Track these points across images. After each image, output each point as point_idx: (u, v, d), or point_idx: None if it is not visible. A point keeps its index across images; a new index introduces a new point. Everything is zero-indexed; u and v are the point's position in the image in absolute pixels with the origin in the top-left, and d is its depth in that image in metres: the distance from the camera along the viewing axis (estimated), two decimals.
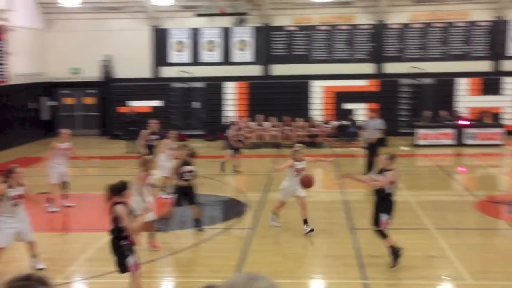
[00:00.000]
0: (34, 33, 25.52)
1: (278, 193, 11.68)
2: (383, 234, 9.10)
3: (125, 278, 9.13)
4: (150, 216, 9.73)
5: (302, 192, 11.10)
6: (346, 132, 23.09)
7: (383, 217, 9.00)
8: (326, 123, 23.32)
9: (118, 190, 7.54)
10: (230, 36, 26.11)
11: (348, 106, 24.25)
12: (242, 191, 15.31)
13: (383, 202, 9.14)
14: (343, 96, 24.36)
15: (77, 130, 26.13)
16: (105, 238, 11.04)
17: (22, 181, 9.05)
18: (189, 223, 12.88)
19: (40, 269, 9.21)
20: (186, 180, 11.25)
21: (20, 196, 8.92)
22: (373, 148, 16.42)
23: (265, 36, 25.81)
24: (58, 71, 26.36)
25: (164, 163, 14.11)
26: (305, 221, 11.05)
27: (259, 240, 10.97)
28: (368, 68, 25.43)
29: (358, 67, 25.25)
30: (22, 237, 9.20)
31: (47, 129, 25.38)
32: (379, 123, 16.66)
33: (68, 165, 13.86)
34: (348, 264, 9.42)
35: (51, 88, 26.52)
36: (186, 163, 11.38)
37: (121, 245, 7.51)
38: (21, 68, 24.07)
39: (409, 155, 20.72)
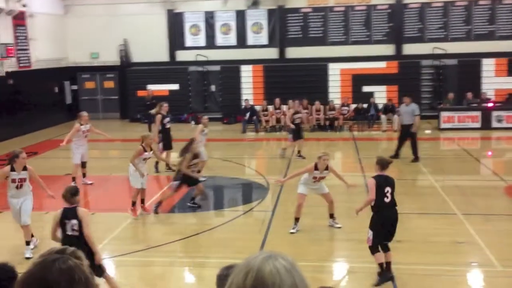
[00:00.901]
0: (54, 19, 25.70)
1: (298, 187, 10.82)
2: (371, 251, 8.24)
3: (152, 256, 9.36)
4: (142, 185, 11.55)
5: (325, 188, 10.64)
6: (365, 115, 22.97)
7: (368, 233, 8.24)
8: (345, 106, 23.22)
9: (72, 194, 7.65)
10: (245, 19, 26.00)
11: (366, 89, 24.00)
12: (261, 174, 15.39)
13: (372, 216, 8.36)
14: (361, 79, 24.11)
15: (98, 113, 26.45)
16: (130, 218, 11.37)
17: (25, 165, 9.40)
18: (211, 205, 13.08)
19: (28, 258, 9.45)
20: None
21: (22, 180, 9.30)
22: (406, 134, 16.24)
23: (280, 18, 25.67)
24: (78, 56, 26.63)
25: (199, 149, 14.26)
26: (332, 216, 10.75)
27: (280, 223, 11.09)
28: (386, 49, 25.13)
29: (376, 48, 24.99)
30: (18, 219, 9.66)
31: (70, 112, 25.69)
32: (414, 108, 16.37)
33: (89, 147, 14.26)
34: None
35: (72, 73, 26.75)
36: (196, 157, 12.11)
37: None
38: (43, 54, 24.35)
39: (433, 138, 20.56)
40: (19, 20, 22.46)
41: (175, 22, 26.29)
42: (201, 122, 14.81)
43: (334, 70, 24.56)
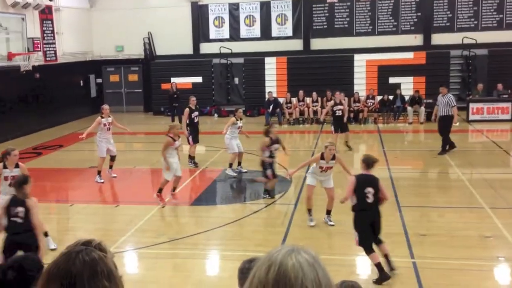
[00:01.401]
0: (80, 13, 25.92)
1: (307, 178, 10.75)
2: (365, 251, 8.00)
3: (175, 249, 9.37)
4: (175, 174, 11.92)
5: (331, 183, 10.36)
6: (391, 107, 22.66)
7: (354, 234, 8.06)
8: (370, 98, 22.93)
9: (19, 184, 7.52)
10: (269, 11, 25.85)
11: (393, 80, 23.65)
12: (284, 167, 15.28)
13: (354, 216, 8.15)
14: (387, 70, 23.77)
15: (122, 106, 26.63)
16: (153, 211, 11.41)
17: (17, 163, 9.39)
18: (234, 198, 13.07)
19: None
20: (272, 156, 12.03)
21: (15, 177, 9.14)
22: (446, 125, 15.95)
23: (305, 9, 25.45)
24: (103, 49, 26.83)
25: (230, 141, 14.26)
26: (328, 212, 10.46)
27: (302, 216, 10.98)
28: (414, 39, 24.72)
29: (404, 39, 24.60)
30: None
31: (95, 106, 25.93)
32: (451, 98, 16.06)
33: (114, 139, 14.28)
34: (395, 241, 9.33)
35: (97, 66, 26.98)
36: (276, 141, 12.06)
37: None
38: (68, 47, 24.61)
39: (461, 130, 20.19)
40: (45, 14, 22.67)
41: (199, 15, 26.27)
42: (235, 115, 14.79)
43: (360, 61, 24.26)
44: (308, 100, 23.02)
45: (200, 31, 26.34)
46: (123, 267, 8.83)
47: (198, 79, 25.60)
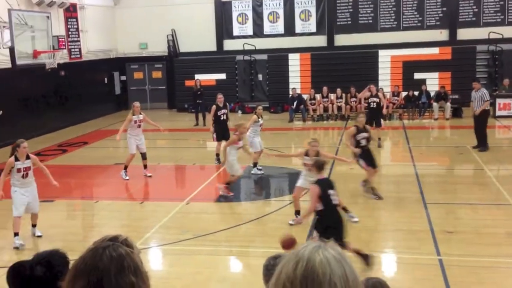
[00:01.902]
0: (104, 10, 26.12)
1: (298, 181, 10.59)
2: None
3: (199, 245, 9.37)
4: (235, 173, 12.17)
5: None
6: (416, 103, 22.39)
7: (313, 234, 8.08)
8: (395, 95, 22.69)
9: None
10: (293, 7, 25.73)
11: (418, 76, 23.38)
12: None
13: (317, 218, 8.17)
14: (412, 66, 23.48)
15: (146, 103, 26.79)
16: (178, 207, 11.43)
17: (28, 154, 9.64)
18: (258, 195, 13.04)
19: (39, 236, 10.03)
20: (362, 146, 11.74)
21: (27, 169, 9.53)
22: (481, 120, 15.69)
23: (328, 5, 25.27)
24: (127, 47, 26.99)
25: (252, 139, 14.22)
26: (297, 212, 10.30)
27: None
28: (440, 35, 24.37)
29: (429, 34, 24.27)
30: (31, 207, 9.83)
31: (119, 103, 26.14)
32: (484, 93, 15.75)
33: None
34: (421, 238, 9.21)
35: (121, 63, 27.17)
36: (362, 130, 11.84)
37: None
38: (93, 45, 24.83)
39: (488, 126, 19.83)
40: (70, 12, 22.89)
41: (223, 11, 26.28)
42: (256, 112, 14.70)
43: (385, 57, 24.00)
44: (332, 96, 22.86)
45: (223, 28, 26.34)
46: (148, 264, 8.85)
47: (222, 76, 25.62)
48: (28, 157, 9.67)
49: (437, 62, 23.34)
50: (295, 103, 22.71)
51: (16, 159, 9.56)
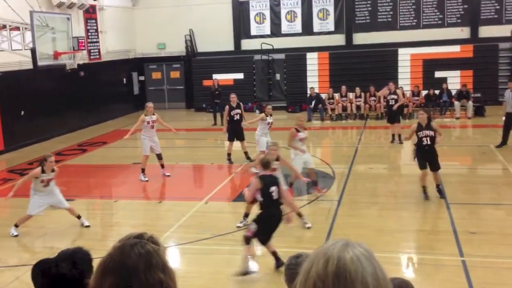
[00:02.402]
0: (123, 11, 26.25)
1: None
2: (246, 241, 8.19)
3: (218, 244, 9.33)
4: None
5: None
6: (437, 101, 22.13)
7: (252, 225, 8.24)
8: (415, 95, 22.44)
9: None
10: (311, 6, 25.60)
11: (438, 74, 23.09)
12: (327, 163, 15.11)
13: (260, 212, 8.38)
14: (433, 64, 23.20)
15: (164, 103, 26.87)
16: (196, 207, 11.41)
17: (53, 167, 10.28)
18: None
19: (87, 226, 10.54)
20: (424, 144, 11.20)
21: (49, 180, 10.20)
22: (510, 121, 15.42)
23: (347, 3, 25.11)
24: (145, 47, 27.11)
25: (260, 137, 14.17)
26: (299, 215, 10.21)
27: (346, 212, 10.83)
28: (461, 32, 24.05)
29: (450, 32, 23.96)
30: (58, 207, 10.52)
31: (137, 103, 26.26)
32: None
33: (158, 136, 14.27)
34: (443, 239, 9.08)
35: (140, 64, 27.29)
36: (424, 127, 11.27)
37: None
38: (112, 46, 24.97)
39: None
40: (89, 13, 23.04)
41: (240, 11, 26.25)
42: (265, 111, 14.64)
43: (404, 56, 23.76)
44: (351, 95, 22.71)
45: (241, 28, 26.32)
46: None
47: (240, 76, 25.59)
48: (53, 170, 10.27)
49: (458, 60, 23.03)
50: (313, 102, 22.60)
51: (43, 171, 10.12)
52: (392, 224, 10.22)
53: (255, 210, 9.60)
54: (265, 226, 8.16)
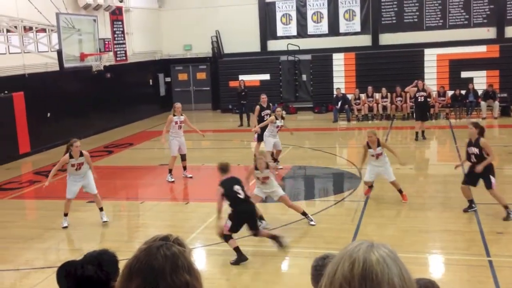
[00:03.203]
0: (149, 13, 26.49)
1: None
2: (225, 239, 8.78)
3: (244, 246, 9.34)
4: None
5: (280, 192, 10.37)
6: (464, 101, 21.87)
7: (227, 222, 8.73)
8: (441, 96, 22.21)
9: None
10: (337, 6, 25.51)
11: (465, 74, 22.85)
12: (353, 164, 15.04)
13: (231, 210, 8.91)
14: (459, 64, 22.97)
15: (190, 104, 27.04)
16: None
17: (81, 151, 10.69)
18: (303, 195, 12.94)
19: (105, 222, 10.84)
20: (471, 161, 10.24)
21: (79, 164, 10.61)
22: None
23: (373, 4, 24.96)
24: (172, 48, 27.31)
25: (267, 138, 14.20)
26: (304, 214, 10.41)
27: (372, 213, 10.78)
28: (487, 33, 23.74)
29: (476, 32, 23.69)
30: (87, 189, 10.92)
31: (164, 104, 26.47)
32: None
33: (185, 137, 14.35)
34: (469, 239, 8.98)
35: (166, 65, 27.50)
36: (472, 143, 10.19)
37: None
38: (138, 47, 25.21)
39: None
40: (116, 15, 23.30)
41: (267, 12, 26.30)
42: (275, 113, 14.65)
43: (431, 56, 23.57)
44: (377, 96, 22.57)
45: (267, 29, 26.36)
46: None
47: (266, 77, 25.62)
48: (81, 154, 10.66)
49: (484, 60, 22.76)
50: (339, 103, 22.52)
51: (71, 156, 10.52)
52: (418, 224, 10.14)
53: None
54: (238, 222, 8.77)
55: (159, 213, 11.97)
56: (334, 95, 23.08)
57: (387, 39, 24.90)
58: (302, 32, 26.03)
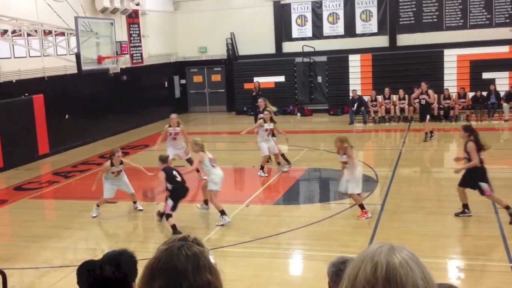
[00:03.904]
0: (165, 16, 26.52)
1: None
2: (167, 217, 10.30)
3: (259, 248, 9.21)
4: None
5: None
6: (485, 103, 21.52)
7: (168, 202, 10.26)
8: (462, 96, 21.87)
9: None
10: (353, 7, 25.31)
11: (486, 75, 22.41)
12: (370, 166, 14.84)
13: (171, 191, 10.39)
14: (480, 65, 22.53)
15: (205, 106, 27.00)
16: (237, 210, 11.33)
17: (121, 160, 11.63)
18: (317, 198, 12.77)
19: (140, 210, 11.79)
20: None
21: (119, 171, 11.56)
22: None
23: (390, 4, 24.70)
24: (187, 51, 27.31)
25: (260, 143, 14.21)
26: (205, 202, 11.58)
27: (389, 217, 10.59)
28: (510, 32, 23.21)
29: (498, 32, 23.24)
30: (124, 190, 11.78)
31: (179, 106, 26.46)
32: None
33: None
34: (491, 244, 8.75)
35: (181, 67, 27.50)
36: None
37: None
38: (154, 50, 25.23)
39: None
40: (132, 18, 23.34)
41: (282, 14, 26.16)
42: (264, 117, 14.55)
43: (450, 57, 23.17)
44: (394, 97, 22.29)
45: (282, 30, 26.22)
46: None
47: (281, 78, 25.48)
48: (121, 162, 11.56)
49: (507, 61, 22.31)
50: (355, 105, 22.29)
51: (112, 164, 11.36)
52: (438, 228, 9.92)
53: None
54: (176, 201, 10.29)
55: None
56: (350, 97, 22.85)
57: (405, 39, 24.61)
58: (317, 33, 25.86)
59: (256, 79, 24.20)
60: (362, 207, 10.54)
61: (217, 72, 27.53)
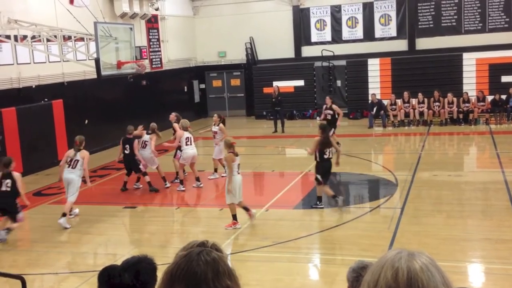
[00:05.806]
0: (184, 21, 26.70)
1: None
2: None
3: (279, 252, 9.25)
4: None
5: None
6: (504, 106, 21.32)
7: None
8: (481, 101, 21.69)
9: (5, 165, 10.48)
10: (372, 11, 25.26)
11: (505, 78, 22.19)
12: (389, 170, 14.80)
13: None
14: (499, 68, 22.38)
15: (224, 111, 27.08)
16: (257, 214, 11.35)
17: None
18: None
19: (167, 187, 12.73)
20: None
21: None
22: None
23: (409, 8, 24.61)
24: (206, 55, 27.45)
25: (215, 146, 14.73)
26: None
27: (409, 220, 10.55)
28: None
29: None
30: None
31: (198, 111, 26.58)
32: None
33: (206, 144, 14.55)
34: (511, 248, 8.67)
35: (201, 72, 27.64)
36: None
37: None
38: (173, 54, 25.40)
39: None
40: (151, 23, 23.55)
41: (301, 18, 26.21)
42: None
43: (469, 60, 23.03)
44: (413, 101, 22.19)
45: (301, 35, 26.26)
46: None
47: (300, 83, 25.52)
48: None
49: None
50: (374, 108, 22.23)
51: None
52: (458, 232, 9.87)
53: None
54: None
55: (194, 218, 11.98)
56: (369, 101, 22.80)
57: (424, 43, 24.51)
58: (336, 37, 25.85)
59: (275, 83, 24.25)
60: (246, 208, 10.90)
61: (237, 77, 27.64)
